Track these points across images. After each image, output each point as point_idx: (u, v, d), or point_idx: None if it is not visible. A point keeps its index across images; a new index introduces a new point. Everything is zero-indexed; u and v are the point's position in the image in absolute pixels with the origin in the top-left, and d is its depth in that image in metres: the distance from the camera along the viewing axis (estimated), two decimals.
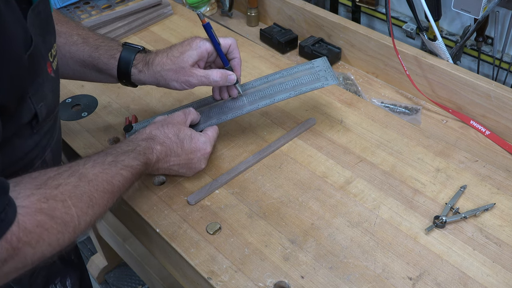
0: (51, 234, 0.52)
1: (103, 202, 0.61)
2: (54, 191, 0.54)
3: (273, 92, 0.87)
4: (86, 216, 0.57)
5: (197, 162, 0.80)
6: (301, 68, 0.89)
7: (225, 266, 0.72)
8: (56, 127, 0.69)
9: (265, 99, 0.86)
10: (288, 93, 0.86)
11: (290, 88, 0.86)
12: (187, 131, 0.79)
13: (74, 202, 0.55)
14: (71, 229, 0.55)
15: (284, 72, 0.90)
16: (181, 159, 0.78)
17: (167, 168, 0.78)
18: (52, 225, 0.52)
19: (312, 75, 0.88)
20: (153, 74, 0.81)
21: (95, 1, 1.33)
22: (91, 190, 0.59)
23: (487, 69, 1.08)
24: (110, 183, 0.63)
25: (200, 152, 0.79)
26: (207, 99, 0.92)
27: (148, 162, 0.72)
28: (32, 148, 0.63)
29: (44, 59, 0.59)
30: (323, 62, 0.91)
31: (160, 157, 0.75)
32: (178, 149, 0.77)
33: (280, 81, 0.88)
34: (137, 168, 0.69)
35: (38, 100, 0.59)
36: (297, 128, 0.93)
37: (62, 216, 0.54)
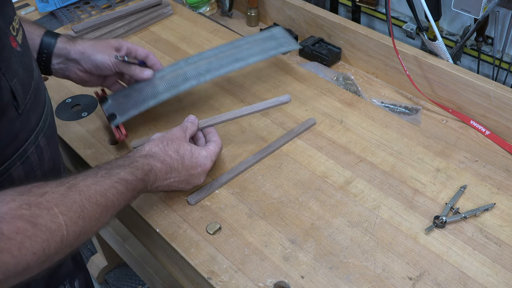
0: (35, 242, 0.48)
1: (95, 216, 0.57)
2: (38, 198, 0.51)
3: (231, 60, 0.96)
4: (76, 227, 0.53)
5: (196, 177, 0.78)
6: (262, 36, 1.02)
7: (225, 266, 0.72)
8: (44, 112, 0.65)
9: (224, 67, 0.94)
10: (258, 57, 0.97)
11: (256, 53, 0.97)
12: (187, 147, 0.77)
13: (62, 210, 0.52)
14: (58, 238, 0.51)
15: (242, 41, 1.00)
16: (181, 175, 0.76)
17: (166, 185, 0.76)
18: (35, 232, 0.48)
19: (275, 41, 1.00)
20: (79, 48, 0.85)
21: (95, 1, 1.33)
22: (82, 201, 0.56)
23: (487, 69, 1.08)
24: (104, 196, 0.59)
25: (200, 168, 0.78)
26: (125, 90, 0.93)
27: (146, 179, 0.69)
28: (20, 130, 0.59)
29: (6, 33, 0.55)
30: (281, 30, 1.03)
31: (159, 175, 0.72)
32: (178, 166, 0.75)
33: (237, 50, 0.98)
34: (133, 183, 0.66)
35: (10, 76, 0.55)
36: (297, 128, 0.93)
37: (47, 223, 0.50)
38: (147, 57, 0.91)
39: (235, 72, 1.08)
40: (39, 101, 0.64)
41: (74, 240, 0.54)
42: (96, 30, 1.19)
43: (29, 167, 0.61)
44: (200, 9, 1.32)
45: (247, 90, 1.04)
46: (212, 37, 1.19)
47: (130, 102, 0.90)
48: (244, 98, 1.02)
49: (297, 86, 1.04)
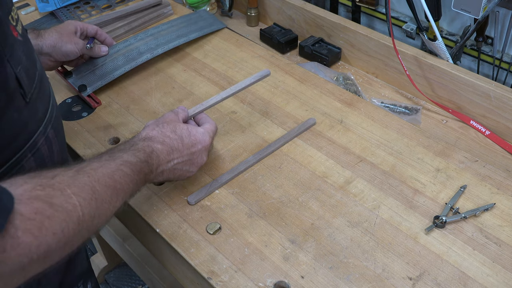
0: (54, 222, 0.48)
1: (106, 198, 0.57)
2: (50, 180, 0.51)
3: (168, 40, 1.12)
4: (90, 208, 0.53)
5: (199, 155, 0.78)
6: (193, 16, 1.20)
7: (225, 266, 0.72)
8: (50, 103, 0.66)
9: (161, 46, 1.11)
10: (196, 34, 1.15)
11: (194, 31, 1.16)
12: (183, 126, 0.77)
13: (75, 191, 0.52)
14: (75, 218, 0.51)
15: (172, 22, 1.17)
16: (183, 154, 0.75)
17: (171, 169, 0.75)
18: (53, 212, 0.48)
19: (204, 21, 1.18)
20: (48, 42, 0.94)
21: (95, 1, 1.33)
22: (92, 183, 0.56)
23: (487, 69, 1.08)
24: (111, 178, 0.59)
25: (201, 144, 0.77)
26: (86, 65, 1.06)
27: (150, 162, 0.69)
28: (29, 120, 0.60)
29: (6, 22, 0.56)
30: (205, 12, 1.21)
31: (161, 156, 0.72)
32: (179, 145, 0.75)
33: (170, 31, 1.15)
34: (137, 165, 0.66)
35: (15, 63, 0.56)
36: (297, 128, 0.93)
37: (63, 204, 0.50)
38: (96, 33, 1.03)
39: (235, 72, 1.08)
40: (45, 92, 0.65)
41: (90, 222, 0.53)
42: None
43: (40, 159, 0.62)
44: (200, 9, 1.32)
45: (247, 90, 1.04)
46: (212, 37, 1.19)
47: (96, 75, 1.04)
48: (244, 98, 1.02)
49: (297, 86, 1.04)
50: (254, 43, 1.18)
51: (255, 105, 1.00)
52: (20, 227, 0.45)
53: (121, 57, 1.07)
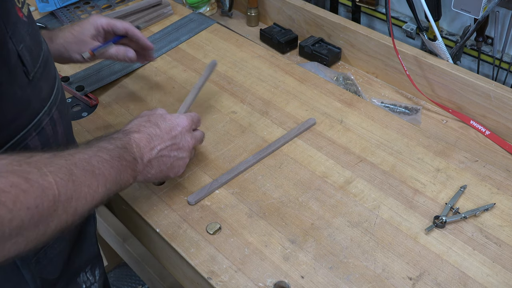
0: (29, 196, 0.47)
1: (85, 181, 0.56)
2: (27, 159, 0.50)
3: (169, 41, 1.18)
4: (66, 189, 0.52)
5: (182, 138, 0.75)
6: (183, 21, 1.24)
7: (225, 266, 0.72)
8: (56, 85, 0.66)
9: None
10: (187, 36, 1.19)
11: (184, 33, 1.20)
12: (157, 113, 0.76)
13: (51, 170, 0.51)
14: (51, 196, 0.50)
15: (168, 28, 1.22)
16: (164, 139, 0.73)
17: (158, 157, 0.72)
18: (28, 187, 0.48)
19: (194, 22, 1.23)
20: (57, 47, 0.87)
21: (95, 1, 1.33)
22: (69, 165, 0.55)
23: (487, 69, 1.08)
24: (89, 163, 0.58)
25: (179, 126, 0.75)
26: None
27: (129, 148, 0.67)
28: (33, 98, 0.60)
29: (11, 2, 0.56)
30: (195, 14, 1.26)
31: (141, 144, 0.70)
32: (156, 131, 0.73)
33: (164, 36, 1.20)
34: (115, 150, 0.64)
35: (17, 41, 0.56)
36: (297, 128, 0.93)
37: (38, 180, 0.49)
38: (126, 32, 0.91)
39: (235, 72, 1.08)
40: (50, 73, 0.65)
41: (67, 203, 0.52)
42: None
43: (45, 138, 0.62)
44: (200, 9, 1.32)
45: (247, 90, 1.04)
46: (212, 37, 1.19)
47: (93, 79, 1.07)
48: (244, 98, 1.02)
49: (297, 86, 1.04)
50: (254, 43, 1.18)
51: (255, 105, 1.00)
52: None
53: (117, 65, 1.10)
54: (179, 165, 0.76)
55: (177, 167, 0.76)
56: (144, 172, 0.70)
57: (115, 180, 0.63)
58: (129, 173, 0.66)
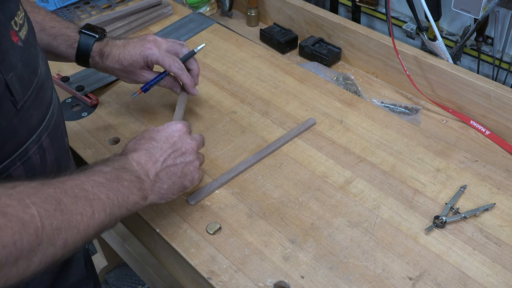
0: (4, 233, 0.44)
1: (77, 209, 0.52)
2: (8, 190, 0.47)
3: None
4: (53, 219, 0.48)
5: (182, 142, 0.72)
6: (183, 21, 1.24)
7: (225, 266, 0.72)
8: (50, 111, 0.63)
9: None
10: (187, 36, 1.19)
11: (185, 33, 1.20)
12: (149, 129, 0.73)
13: (35, 201, 0.48)
14: (32, 230, 0.46)
15: (172, 26, 1.23)
16: (164, 149, 0.69)
17: (166, 169, 0.68)
18: (5, 222, 0.44)
19: (194, 22, 1.23)
20: (105, 67, 0.88)
21: (95, 1, 1.33)
22: (57, 194, 0.51)
23: (487, 69, 1.08)
24: (81, 188, 0.54)
25: (175, 132, 0.72)
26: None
27: (129, 167, 0.64)
28: (20, 127, 0.56)
29: (5, 26, 0.53)
30: (195, 14, 1.26)
31: (142, 160, 0.66)
32: (153, 143, 0.69)
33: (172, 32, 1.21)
34: (112, 172, 0.60)
35: (6, 70, 0.53)
36: (297, 128, 0.93)
37: (18, 213, 0.45)
38: (173, 73, 0.89)
39: (235, 72, 1.08)
40: (43, 100, 0.62)
41: (54, 236, 0.49)
42: None
43: (30, 167, 0.59)
44: (200, 9, 1.32)
45: (247, 90, 1.04)
46: (212, 37, 1.19)
47: (92, 79, 1.07)
48: (244, 98, 1.02)
49: (297, 86, 1.04)
50: (254, 43, 1.18)
51: (255, 105, 1.00)
52: None
53: None
54: (190, 171, 0.72)
55: (189, 173, 0.71)
56: (155, 189, 0.67)
57: (116, 204, 0.59)
58: (135, 193, 0.62)
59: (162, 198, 0.68)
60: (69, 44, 0.86)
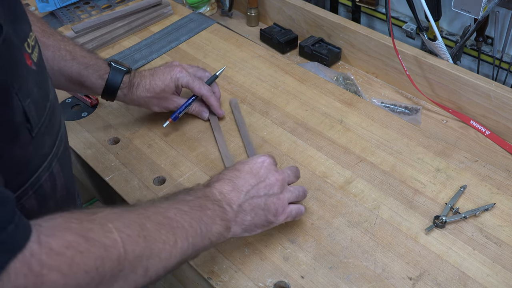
0: (87, 258, 0.42)
1: (160, 237, 0.51)
2: (90, 216, 0.46)
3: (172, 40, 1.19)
4: (136, 246, 0.47)
5: (268, 174, 0.68)
6: (183, 21, 1.24)
7: (225, 266, 0.72)
8: (59, 136, 0.61)
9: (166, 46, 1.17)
10: (187, 36, 1.20)
11: (184, 34, 1.20)
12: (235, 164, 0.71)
13: (117, 226, 0.46)
14: (114, 256, 0.45)
15: (171, 27, 1.23)
16: (248, 179, 0.67)
17: (249, 200, 0.65)
18: (87, 247, 0.43)
19: (194, 23, 1.23)
20: (136, 98, 0.89)
21: (95, 1, 1.33)
22: (141, 219, 0.50)
23: (487, 69, 1.08)
24: (165, 216, 0.54)
25: (259, 163, 0.69)
26: None
27: (212, 196, 0.62)
28: (34, 156, 0.55)
29: (19, 49, 0.51)
30: (195, 14, 1.26)
31: (224, 190, 0.64)
32: (237, 173, 0.67)
33: (166, 35, 1.20)
34: (195, 201, 0.59)
35: (24, 96, 0.50)
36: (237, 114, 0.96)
37: (100, 238, 0.44)
38: (202, 96, 0.92)
39: (235, 72, 1.08)
40: (54, 124, 0.60)
41: (136, 263, 0.47)
42: (96, 30, 1.19)
43: (42, 196, 0.57)
44: (200, 9, 1.32)
45: (247, 90, 1.04)
46: (212, 37, 1.19)
47: None
48: (244, 98, 1.02)
49: (297, 86, 1.04)
50: (254, 43, 1.18)
51: (255, 105, 1.00)
52: (46, 264, 0.40)
53: None
54: (275, 204, 0.68)
55: (273, 207, 0.68)
56: (238, 220, 0.65)
57: (199, 233, 0.57)
58: (218, 223, 0.61)
59: (245, 231, 0.66)
60: (100, 75, 0.85)
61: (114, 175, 0.86)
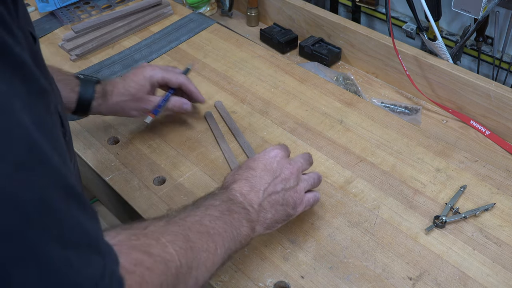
0: (154, 274, 0.43)
1: (202, 246, 0.52)
2: (143, 230, 0.47)
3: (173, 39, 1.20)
4: (187, 258, 0.48)
5: (282, 168, 0.68)
6: (183, 21, 1.25)
7: (225, 266, 0.72)
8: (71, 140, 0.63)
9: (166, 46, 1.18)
10: (187, 36, 1.20)
11: (184, 34, 1.21)
12: (245, 162, 0.71)
13: (169, 239, 0.47)
14: (173, 269, 0.46)
15: (169, 28, 1.23)
16: (263, 177, 0.67)
17: (268, 198, 0.66)
18: (152, 263, 0.43)
19: (194, 23, 1.24)
20: (112, 105, 0.86)
21: (95, 1, 1.33)
22: (184, 231, 0.51)
23: (487, 69, 1.08)
24: (201, 224, 0.55)
25: (271, 158, 0.69)
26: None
27: (234, 199, 0.63)
28: (70, 161, 0.56)
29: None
30: (195, 14, 1.27)
31: (244, 190, 0.65)
32: (252, 173, 0.67)
33: (166, 35, 1.21)
34: (222, 205, 0.60)
35: (57, 98, 0.53)
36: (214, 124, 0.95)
37: (160, 253, 0.45)
38: (180, 86, 0.90)
39: (235, 72, 1.08)
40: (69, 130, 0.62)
41: (188, 274, 0.49)
42: (96, 30, 1.19)
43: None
44: (200, 9, 1.32)
45: (247, 90, 1.04)
46: (212, 37, 1.19)
47: None
48: (244, 98, 1.02)
49: (297, 86, 1.04)
50: (254, 43, 1.18)
51: (255, 105, 1.00)
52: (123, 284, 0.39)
53: (117, 65, 1.12)
54: (293, 197, 0.68)
55: (291, 200, 0.68)
56: (261, 219, 0.65)
57: (232, 237, 0.59)
58: (245, 225, 0.62)
59: (267, 228, 0.67)
60: (71, 88, 0.82)
61: (114, 175, 0.86)
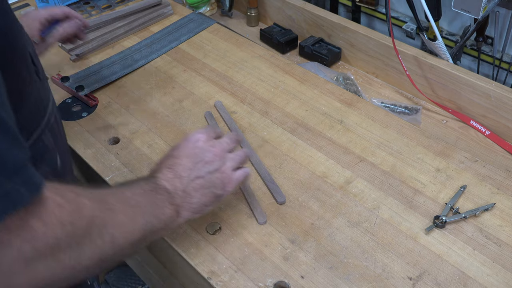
0: (64, 211, 0.46)
1: (121, 209, 0.55)
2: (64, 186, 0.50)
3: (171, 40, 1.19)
4: (101, 213, 0.52)
5: (204, 151, 0.69)
6: (183, 21, 1.25)
7: (225, 266, 0.72)
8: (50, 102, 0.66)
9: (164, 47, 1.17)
10: (187, 36, 1.20)
11: (184, 34, 1.21)
12: (172, 149, 0.72)
13: (86, 194, 0.51)
14: (84, 215, 0.49)
15: (169, 28, 1.23)
16: (184, 163, 0.68)
17: (191, 182, 0.67)
18: (63, 202, 0.47)
19: (194, 22, 1.24)
20: None
21: (95, 1, 1.33)
22: (103, 194, 0.55)
23: (487, 69, 1.08)
24: (123, 194, 0.59)
25: (192, 143, 0.70)
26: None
27: (157, 182, 0.65)
28: (44, 97, 0.63)
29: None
30: (195, 14, 1.27)
31: (168, 177, 0.66)
32: (174, 160, 0.68)
33: (165, 36, 1.21)
34: (144, 185, 0.62)
35: (27, 43, 0.59)
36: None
37: (74, 198, 0.49)
38: (65, 15, 0.97)
39: (235, 72, 1.08)
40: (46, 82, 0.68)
41: (103, 229, 0.51)
42: (96, 30, 1.19)
43: (54, 135, 0.65)
44: (200, 9, 1.32)
45: (247, 90, 1.04)
46: (212, 37, 1.19)
47: (92, 79, 1.08)
48: (244, 98, 1.02)
49: (297, 86, 1.04)
50: (254, 43, 1.18)
51: (255, 105, 1.00)
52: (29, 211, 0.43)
53: (117, 65, 1.11)
54: (219, 178, 0.69)
55: (218, 181, 0.69)
56: (185, 205, 0.66)
57: (154, 214, 0.61)
58: (168, 207, 0.63)
59: (196, 212, 0.67)
60: None
61: (114, 175, 0.86)
